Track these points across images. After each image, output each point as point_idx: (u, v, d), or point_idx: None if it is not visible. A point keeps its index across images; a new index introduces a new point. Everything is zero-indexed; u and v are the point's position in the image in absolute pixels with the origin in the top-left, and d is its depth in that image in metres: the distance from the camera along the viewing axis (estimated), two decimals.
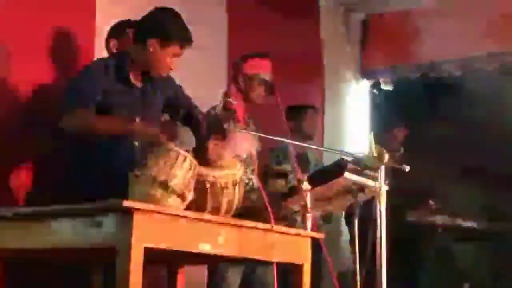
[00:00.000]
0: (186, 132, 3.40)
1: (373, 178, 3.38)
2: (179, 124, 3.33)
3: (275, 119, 3.75)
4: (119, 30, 3.84)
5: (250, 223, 2.93)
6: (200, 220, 2.73)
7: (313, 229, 3.33)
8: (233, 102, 3.78)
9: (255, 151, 3.93)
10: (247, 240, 2.90)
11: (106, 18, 4.02)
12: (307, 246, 3.20)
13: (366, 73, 6.82)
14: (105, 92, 3.22)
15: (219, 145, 3.15)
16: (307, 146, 4.72)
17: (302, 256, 3.17)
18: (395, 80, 6.71)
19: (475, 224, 5.63)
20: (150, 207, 2.53)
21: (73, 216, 2.56)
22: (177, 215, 2.64)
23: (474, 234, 5.65)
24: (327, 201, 3.65)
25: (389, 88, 6.80)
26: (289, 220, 4.32)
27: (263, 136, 3.60)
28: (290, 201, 3.53)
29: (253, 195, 3.66)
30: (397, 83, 6.71)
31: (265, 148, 4.08)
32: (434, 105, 6.34)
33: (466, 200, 5.71)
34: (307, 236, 3.22)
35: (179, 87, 3.55)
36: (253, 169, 3.75)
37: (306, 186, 3.31)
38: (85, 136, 3.16)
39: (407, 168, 3.24)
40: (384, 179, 3.15)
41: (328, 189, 3.49)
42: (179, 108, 3.47)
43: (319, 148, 5.52)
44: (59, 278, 3.50)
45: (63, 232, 2.58)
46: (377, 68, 6.75)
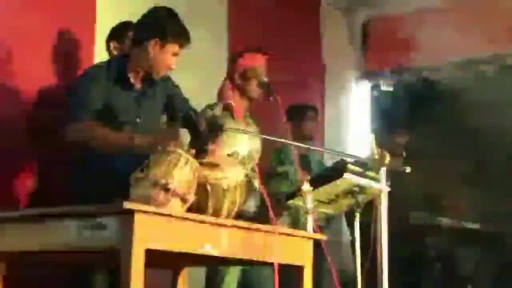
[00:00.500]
0: (185, 134, 3.40)
1: (375, 180, 3.39)
2: (179, 125, 3.32)
3: (275, 119, 3.74)
4: (120, 32, 3.84)
5: (252, 225, 2.92)
6: (202, 222, 2.72)
7: (315, 231, 3.32)
8: (232, 103, 3.78)
9: (256, 151, 3.93)
10: (249, 242, 2.89)
11: (107, 20, 4.02)
12: (309, 248, 3.19)
13: (367, 74, 6.82)
14: (106, 96, 3.23)
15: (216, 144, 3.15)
16: (309, 148, 4.71)
17: (304, 258, 3.17)
18: (396, 82, 6.70)
19: (479, 227, 5.62)
20: (152, 209, 2.53)
21: (75, 218, 2.56)
22: (179, 217, 2.64)
23: (478, 237, 5.64)
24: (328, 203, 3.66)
25: (390, 89, 6.79)
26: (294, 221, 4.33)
27: (263, 136, 3.60)
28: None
29: (252, 202, 3.66)
30: (398, 85, 6.70)
31: (265, 148, 4.07)
32: (434, 107, 6.33)
33: (470, 203, 5.71)
34: (309, 238, 3.22)
35: (177, 88, 3.54)
36: (254, 169, 3.74)
37: (308, 188, 3.31)
38: (87, 148, 3.18)
39: (408, 169, 3.24)
40: (386, 181, 3.15)
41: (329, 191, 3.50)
42: (178, 110, 3.46)
43: (320, 150, 5.52)
44: (62, 280, 3.50)
45: (65, 234, 2.57)
46: (378, 70, 6.74)
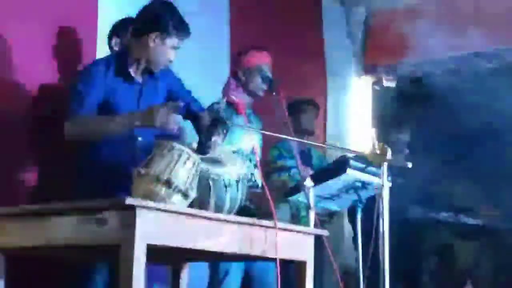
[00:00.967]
0: (188, 126, 3.41)
1: (376, 175, 3.39)
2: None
3: (278, 116, 3.74)
4: (121, 28, 3.83)
5: (254, 220, 2.92)
6: (203, 218, 2.73)
7: (316, 226, 3.32)
8: (235, 99, 3.79)
9: (258, 146, 3.93)
10: (250, 237, 2.90)
11: (108, 16, 4.02)
12: (311, 243, 3.19)
13: (368, 69, 6.81)
14: (107, 91, 3.24)
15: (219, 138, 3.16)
16: (311, 143, 4.71)
17: (305, 253, 3.17)
18: (397, 77, 6.70)
19: (478, 221, 5.62)
20: (154, 205, 2.53)
21: (77, 214, 2.56)
22: (180, 213, 2.64)
23: (477, 231, 5.65)
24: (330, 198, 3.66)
25: (391, 85, 6.79)
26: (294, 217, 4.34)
27: (265, 132, 3.60)
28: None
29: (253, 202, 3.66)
30: (399, 80, 6.69)
31: (267, 143, 4.07)
32: (434, 102, 6.33)
33: (469, 197, 5.71)
34: (311, 233, 3.22)
35: (179, 80, 3.55)
36: (256, 164, 3.75)
37: (309, 183, 3.31)
38: (88, 142, 3.19)
39: (410, 164, 3.24)
40: (387, 176, 3.15)
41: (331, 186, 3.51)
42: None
43: (323, 145, 5.52)
44: (63, 275, 3.51)
45: (67, 230, 2.57)
46: (379, 65, 6.73)
